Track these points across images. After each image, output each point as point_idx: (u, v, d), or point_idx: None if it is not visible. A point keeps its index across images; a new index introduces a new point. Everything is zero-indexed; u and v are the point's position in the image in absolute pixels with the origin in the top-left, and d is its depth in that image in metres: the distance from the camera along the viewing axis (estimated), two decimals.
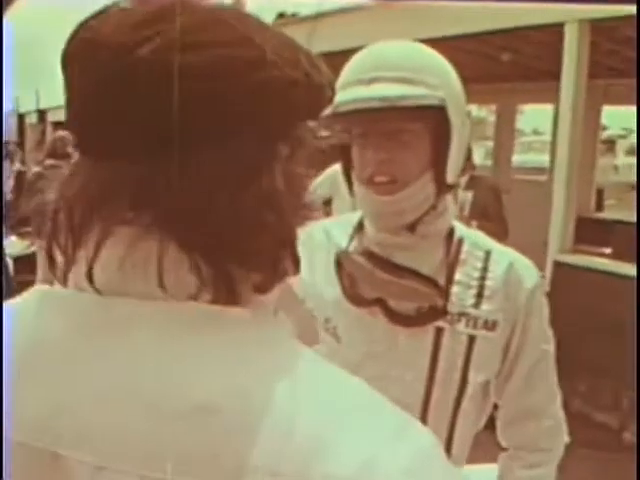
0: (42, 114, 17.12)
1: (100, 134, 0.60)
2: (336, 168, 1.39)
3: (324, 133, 0.67)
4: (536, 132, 30.41)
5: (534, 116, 24.98)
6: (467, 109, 1.28)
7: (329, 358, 0.62)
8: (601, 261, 5.15)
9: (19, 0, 0.99)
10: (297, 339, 0.64)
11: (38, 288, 0.67)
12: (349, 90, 1.20)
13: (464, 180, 5.33)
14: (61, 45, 0.62)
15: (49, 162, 5.92)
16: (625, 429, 4.68)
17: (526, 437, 1.40)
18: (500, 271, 1.30)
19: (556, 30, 4.99)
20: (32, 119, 17.44)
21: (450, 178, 1.25)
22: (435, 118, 1.21)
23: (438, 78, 1.22)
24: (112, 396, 0.56)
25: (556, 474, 1.42)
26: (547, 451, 1.40)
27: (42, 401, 0.58)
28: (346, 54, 1.27)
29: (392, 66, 1.20)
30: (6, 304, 0.67)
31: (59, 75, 0.63)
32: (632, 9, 4.43)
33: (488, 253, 1.32)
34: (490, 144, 12.25)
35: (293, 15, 8.04)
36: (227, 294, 0.60)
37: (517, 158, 11.93)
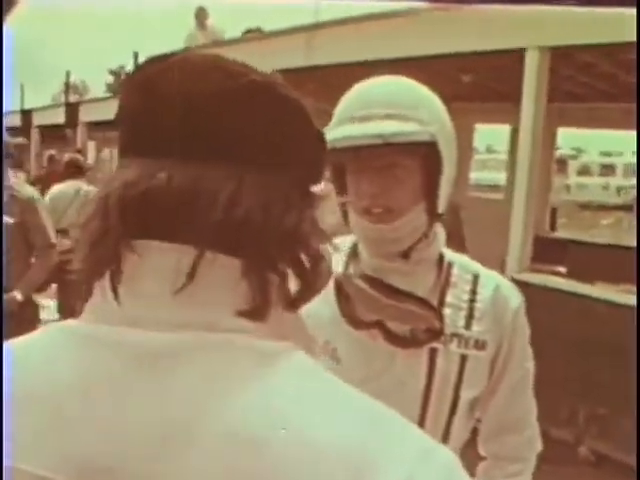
0: (27, 115, 15.85)
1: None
2: None
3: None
4: (490, 150, 30.88)
5: (487, 134, 25.35)
6: (455, 139, 1.33)
7: None
8: (557, 280, 5.27)
9: (20, 3, 1.01)
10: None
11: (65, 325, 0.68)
12: (342, 127, 1.25)
13: None
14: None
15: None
16: (581, 443, 4.79)
17: (508, 448, 1.46)
18: (488, 293, 1.36)
19: (515, 54, 5.12)
20: (15, 121, 15.53)
21: (441, 208, 1.31)
22: (426, 152, 1.26)
23: (429, 113, 1.27)
24: (164, 432, 0.59)
25: None
26: (526, 460, 1.48)
27: (88, 441, 0.60)
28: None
29: (384, 103, 1.25)
30: (24, 340, 0.68)
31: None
32: (589, 36, 4.57)
33: (476, 276, 1.38)
34: None
35: (258, 30, 8.10)
36: (263, 306, 0.65)
37: (472, 176, 12.10)
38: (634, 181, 22.28)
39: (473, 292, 1.36)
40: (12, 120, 14.85)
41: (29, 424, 0.61)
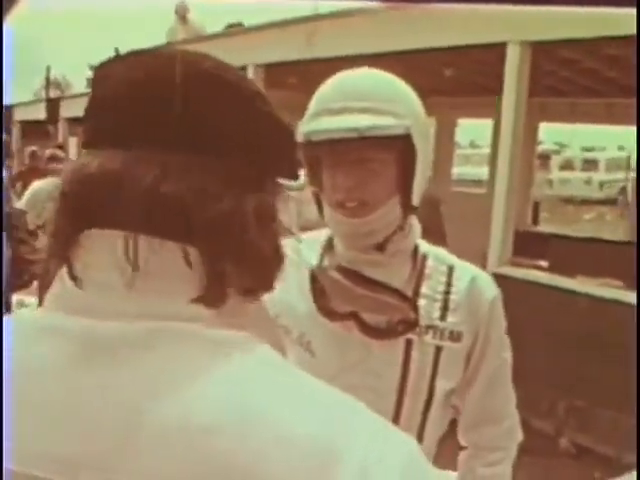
0: (8, 111, 15.78)
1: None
2: None
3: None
4: (473, 145, 31.01)
5: (471, 129, 25.48)
6: (430, 132, 1.34)
7: (304, 371, 0.67)
8: (538, 274, 5.31)
9: (21, 2, 1.01)
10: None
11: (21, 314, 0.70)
12: (319, 120, 1.25)
13: None
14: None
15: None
16: (561, 435, 4.83)
17: (487, 438, 1.47)
18: (463, 285, 1.37)
19: (497, 49, 5.15)
20: None
21: (415, 200, 1.31)
22: (401, 146, 1.26)
23: (405, 107, 1.27)
24: (117, 422, 0.59)
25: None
26: (506, 449, 1.49)
27: (42, 429, 0.60)
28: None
29: (360, 96, 1.25)
30: None
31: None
32: (571, 31, 4.60)
33: (451, 268, 1.39)
34: None
35: (239, 24, 8.08)
36: (217, 292, 0.65)
37: (455, 170, 12.15)
38: (617, 176, 22.49)
39: (448, 284, 1.37)
40: None
41: None
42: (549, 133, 25.43)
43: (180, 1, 9.80)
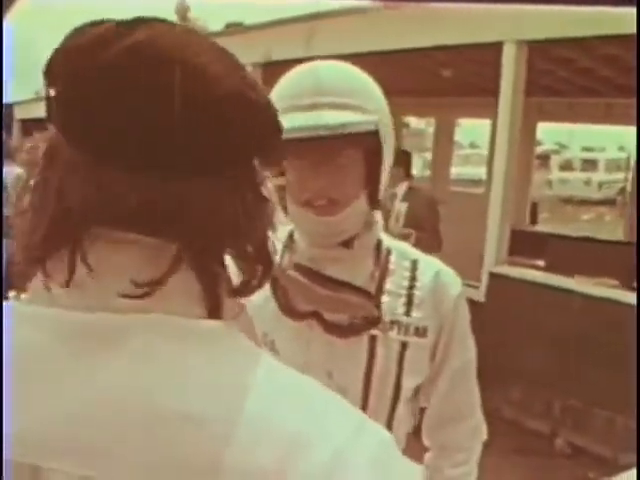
0: (8, 109, 15.60)
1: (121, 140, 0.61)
2: None
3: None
4: (473, 145, 30.99)
5: (471, 130, 25.48)
6: (391, 126, 1.30)
7: None
8: (534, 273, 5.31)
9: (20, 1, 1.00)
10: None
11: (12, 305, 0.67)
12: (287, 117, 1.20)
13: (402, 191, 5.44)
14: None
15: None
16: (556, 435, 4.83)
17: (452, 437, 1.47)
18: (427, 280, 1.35)
19: (495, 49, 5.15)
20: None
21: (380, 195, 1.31)
22: (369, 141, 1.24)
23: (373, 102, 1.25)
24: (96, 408, 0.59)
25: None
26: (470, 449, 1.48)
27: (22, 416, 0.60)
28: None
29: (329, 91, 1.22)
30: None
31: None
32: (567, 30, 4.59)
33: (415, 263, 1.37)
34: (429, 156, 12.47)
35: (239, 24, 8.07)
36: (213, 294, 0.65)
37: (455, 170, 12.16)
38: (616, 176, 22.47)
39: (412, 279, 1.35)
40: None
41: None
42: (549, 133, 25.46)
43: (179, 1, 9.82)
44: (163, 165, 0.61)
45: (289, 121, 1.19)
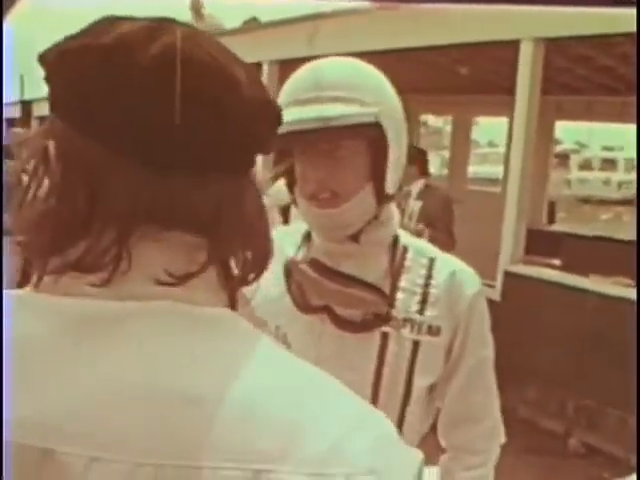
0: (26, 106, 15.08)
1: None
2: None
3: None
4: (491, 144, 30.82)
5: (489, 128, 25.35)
6: (403, 120, 1.31)
7: None
8: (550, 272, 5.28)
9: (20, 1, 1.02)
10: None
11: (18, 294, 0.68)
12: (287, 111, 1.23)
13: (418, 189, 5.43)
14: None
15: None
16: (570, 435, 4.81)
17: (466, 439, 1.44)
18: (443, 278, 1.35)
19: (513, 46, 5.12)
20: (15, 112, 14.82)
21: (390, 189, 1.30)
22: (372, 134, 1.25)
23: (372, 95, 1.25)
24: (101, 390, 0.60)
25: None
26: (486, 452, 1.46)
27: (31, 399, 0.60)
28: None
29: (327, 85, 1.24)
30: None
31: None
32: (585, 28, 4.56)
33: (432, 260, 1.37)
34: (446, 154, 12.41)
35: (254, 19, 8.07)
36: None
37: (472, 169, 12.09)
38: (635, 176, 22.27)
39: (428, 277, 1.35)
40: (12, 111, 14.86)
41: None
42: (568, 132, 25.27)
43: None
44: (202, 167, 0.64)
45: (288, 115, 1.22)
